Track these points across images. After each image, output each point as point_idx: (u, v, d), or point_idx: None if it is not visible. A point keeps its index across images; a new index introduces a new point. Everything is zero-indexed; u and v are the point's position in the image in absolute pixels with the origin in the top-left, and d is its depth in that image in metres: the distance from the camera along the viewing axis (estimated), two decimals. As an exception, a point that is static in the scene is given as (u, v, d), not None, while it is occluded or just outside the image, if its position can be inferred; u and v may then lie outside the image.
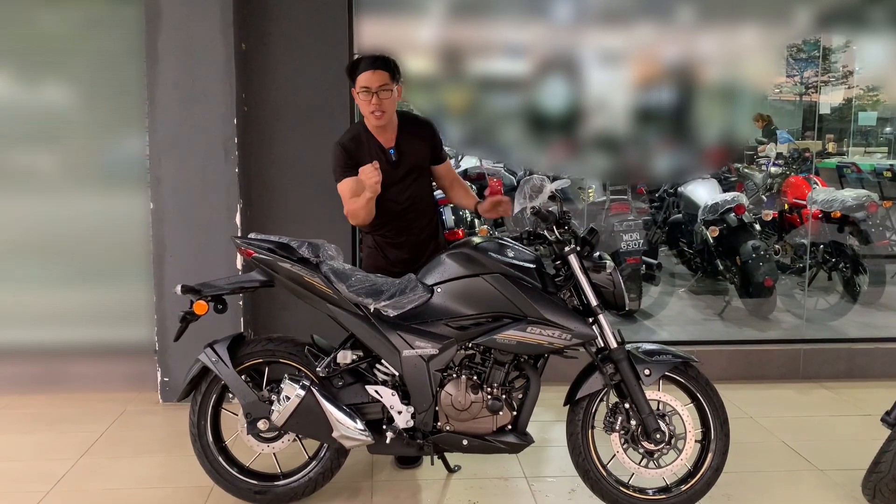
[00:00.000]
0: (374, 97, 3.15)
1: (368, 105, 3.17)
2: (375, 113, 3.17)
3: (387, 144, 3.28)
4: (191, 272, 4.00)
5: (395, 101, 3.23)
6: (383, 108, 3.17)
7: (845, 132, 8.19)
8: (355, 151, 3.23)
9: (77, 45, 4.40)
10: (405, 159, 3.29)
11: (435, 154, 3.41)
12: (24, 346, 4.47)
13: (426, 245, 3.40)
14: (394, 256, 3.36)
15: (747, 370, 4.75)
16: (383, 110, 3.18)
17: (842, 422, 4.12)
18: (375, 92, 3.15)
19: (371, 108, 3.17)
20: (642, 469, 3.00)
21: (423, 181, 3.40)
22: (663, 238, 6.68)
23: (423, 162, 3.36)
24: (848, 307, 5.67)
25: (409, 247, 3.36)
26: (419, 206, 3.37)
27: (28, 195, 4.43)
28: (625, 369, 2.92)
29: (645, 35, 5.64)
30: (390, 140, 3.29)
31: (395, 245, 3.36)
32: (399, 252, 3.35)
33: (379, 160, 3.18)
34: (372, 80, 3.15)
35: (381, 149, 3.27)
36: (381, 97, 3.16)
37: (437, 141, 3.43)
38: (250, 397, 2.98)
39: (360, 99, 3.19)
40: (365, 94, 3.16)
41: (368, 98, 3.16)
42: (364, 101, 3.18)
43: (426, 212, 3.42)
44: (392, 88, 3.19)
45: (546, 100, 5.74)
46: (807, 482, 3.37)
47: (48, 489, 3.27)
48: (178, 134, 4.17)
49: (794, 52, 7.57)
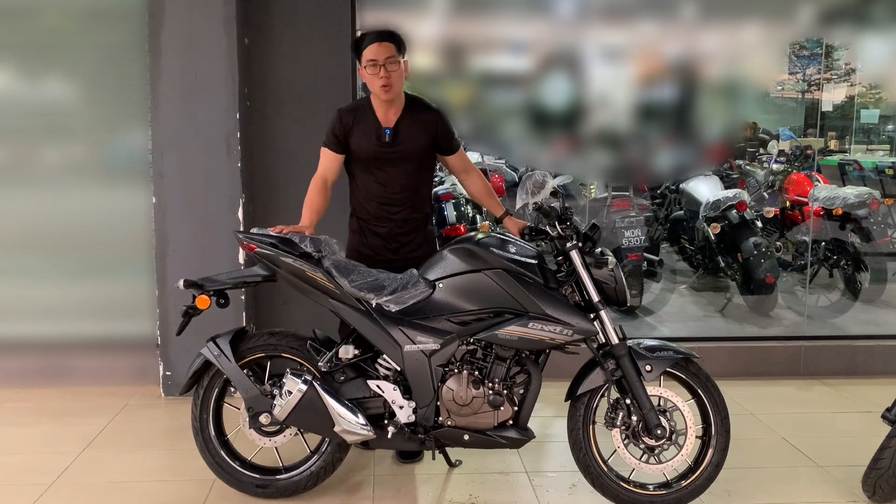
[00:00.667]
0: (382, 69, 3.11)
1: (377, 78, 3.12)
2: (385, 86, 3.12)
3: (385, 123, 3.23)
4: (193, 266, 4.00)
5: (402, 75, 3.18)
6: (391, 80, 3.13)
7: (847, 130, 8.19)
8: (349, 122, 3.22)
9: (80, 39, 4.40)
10: (400, 143, 3.23)
11: (440, 143, 3.32)
12: (26, 340, 4.48)
13: (410, 238, 3.33)
14: (376, 244, 3.30)
15: (748, 367, 4.75)
16: (391, 83, 3.13)
17: (842, 418, 4.13)
18: (383, 64, 3.11)
19: (380, 81, 3.12)
20: (643, 464, 3.00)
21: (421, 173, 3.33)
22: (665, 235, 6.68)
23: (421, 151, 3.28)
24: (849, 304, 5.67)
25: (392, 236, 3.29)
26: (409, 198, 3.29)
27: (31, 189, 4.44)
28: (626, 365, 2.92)
29: (647, 32, 5.63)
30: (391, 120, 3.23)
31: (377, 233, 3.29)
32: (380, 240, 3.29)
33: (370, 138, 3.20)
34: (379, 53, 3.12)
35: (377, 125, 3.22)
36: (389, 69, 3.11)
37: (444, 129, 3.33)
38: (252, 391, 2.99)
39: (368, 73, 3.14)
40: (372, 67, 3.12)
41: (376, 71, 3.11)
42: (372, 75, 3.13)
43: (417, 205, 3.33)
44: (399, 61, 3.15)
45: (548, 96, 5.74)
46: (807, 478, 3.38)
47: (51, 482, 3.29)
48: (181, 128, 4.17)
49: (797, 50, 7.57)
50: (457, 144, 3.41)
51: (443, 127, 3.33)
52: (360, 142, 3.22)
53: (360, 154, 3.24)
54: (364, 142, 3.22)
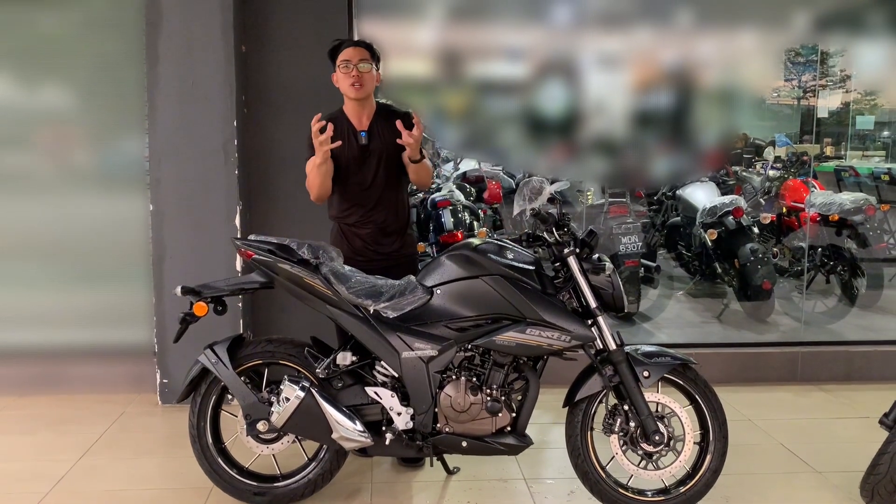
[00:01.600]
0: (354, 69, 3.24)
1: (348, 77, 3.26)
2: (354, 85, 3.25)
3: (359, 127, 3.35)
4: (190, 274, 3.99)
5: (373, 79, 3.31)
6: (362, 81, 3.26)
7: (843, 136, 8.22)
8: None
9: (77, 46, 4.41)
10: (375, 144, 3.33)
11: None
12: (23, 348, 4.48)
13: (392, 240, 3.41)
14: (358, 245, 3.38)
15: (745, 373, 4.76)
16: (363, 83, 3.25)
17: (840, 424, 4.13)
18: (355, 65, 3.24)
19: (350, 80, 3.25)
20: (641, 471, 3.00)
21: (395, 174, 3.40)
22: (662, 241, 6.69)
23: (396, 152, 3.33)
24: (846, 310, 5.67)
25: (373, 237, 3.37)
26: (387, 197, 3.39)
27: (28, 197, 4.44)
28: (624, 371, 2.93)
29: (643, 39, 5.65)
30: (364, 124, 3.35)
31: (359, 235, 3.37)
32: (363, 242, 3.37)
33: (349, 140, 3.29)
34: (352, 55, 3.27)
35: (352, 130, 3.33)
36: (361, 70, 3.25)
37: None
38: (250, 398, 2.98)
39: (340, 74, 3.28)
40: (344, 67, 3.26)
41: (348, 71, 3.25)
42: (343, 74, 3.27)
43: (394, 206, 3.42)
44: (371, 64, 3.29)
45: (545, 103, 5.75)
46: (805, 484, 3.38)
47: (48, 490, 3.28)
48: (178, 135, 4.18)
49: (792, 56, 7.60)
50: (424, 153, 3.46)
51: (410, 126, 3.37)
52: (338, 148, 3.25)
53: (339, 158, 3.31)
54: (341, 147, 3.27)
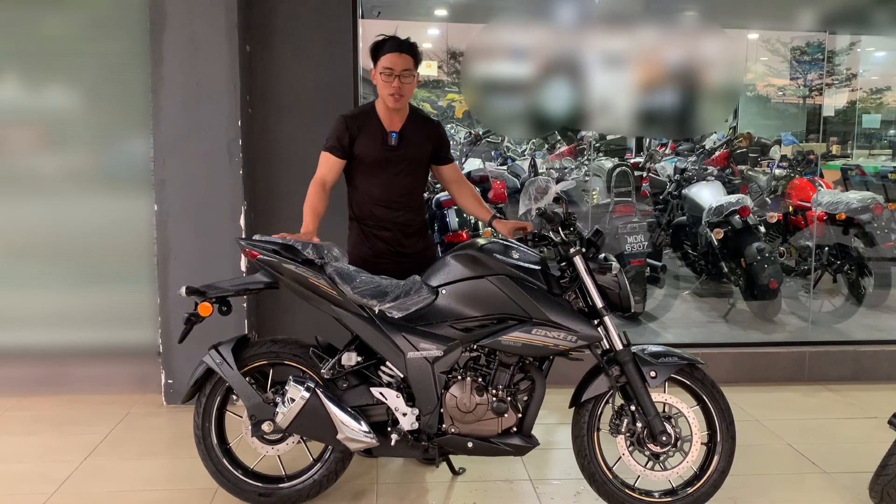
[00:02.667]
0: (396, 80, 3.17)
1: (388, 87, 3.18)
2: (394, 95, 3.19)
3: (390, 128, 3.29)
4: (195, 274, 3.99)
5: (413, 87, 3.26)
6: (402, 91, 3.20)
7: (849, 135, 8.19)
8: (355, 128, 3.25)
9: (81, 47, 4.40)
10: (405, 147, 3.30)
11: (438, 153, 3.43)
12: (28, 348, 4.47)
13: (413, 241, 3.39)
14: (380, 248, 3.34)
15: (753, 372, 4.74)
16: (402, 94, 3.20)
17: (848, 424, 4.10)
18: (398, 75, 3.16)
19: (391, 90, 3.18)
20: (648, 471, 2.98)
21: (419, 177, 3.41)
22: (667, 240, 6.67)
23: (423, 157, 3.37)
24: (853, 309, 5.65)
25: (396, 239, 3.34)
26: (410, 200, 3.37)
27: (33, 198, 4.43)
28: (630, 371, 2.91)
29: (647, 38, 5.64)
30: (396, 125, 3.30)
31: (382, 237, 3.34)
32: (384, 244, 3.34)
33: (378, 141, 3.25)
34: (397, 63, 3.17)
35: (383, 130, 3.28)
36: (403, 81, 3.18)
37: (443, 141, 3.46)
38: (255, 399, 2.97)
39: (381, 79, 3.19)
40: (387, 75, 3.17)
41: (390, 80, 3.17)
42: (385, 82, 3.18)
43: (416, 208, 3.42)
44: (413, 74, 3.23)
45: (550, 102, 5.74)
46: (813, 485, 3.36)
47: (52, 491, 3.27)
48: (183, 135, 4.17)
49: (798, 55, 7.57)
50: (452, 157, 3.54)
51: (442, 138, 3.46)
52: (367, 147, 3.26)
53: (365, 158, 3.27)
54: (370, 146, 3.26)
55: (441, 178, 3.51)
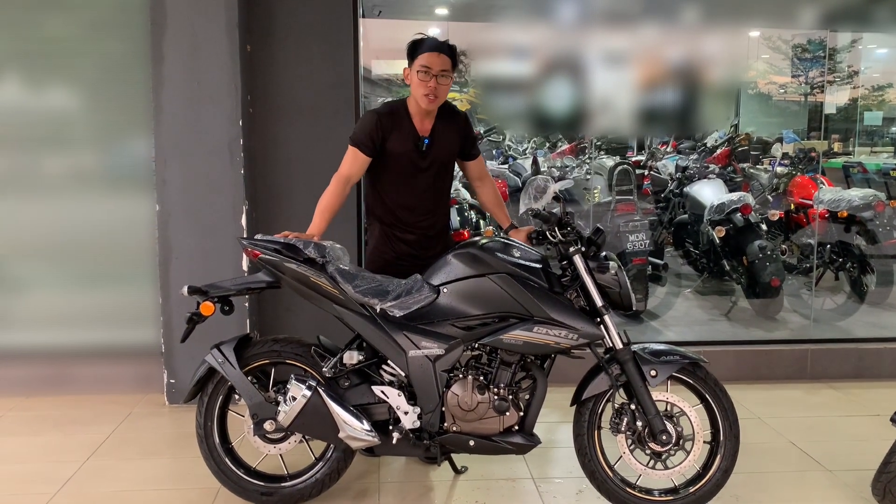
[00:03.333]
0: (433, 80, 3.11)
1: (424, 87, 3.11)
2: (429, 96, 3.12)
3: (422, 132, 3.23)
4: (197, 274, 4.00)
5: (448, 89, 3.18)
6: (438, 93, 3.13)
7: (851, 132, 8.18)
8: (387, 126, 3.17)
9: (83, 47, 4.40)
10: (435, 151, 3.25)
11: (466, 148, 3.36)
12: (30, 349, 4.48)
13: (435, 243, 3.36)
14: (401, 250, 3.31)
15: (755, 370, 4.73)
16: (437, 95, 3.13)
17: (850, 422, 4.10)
18: (435, 75, 3.11)
19: (426, 90, 3.11)
20: (650, 470, 2.98)
21: (446, 177, 3.36)
22: (669, 239, 6.66)
23: (452, 156, 3.32)
24: (855, 307, 5.64)
25: (419, 242, 3.31)
26: (436, 202, 3.33)
27: (35, 198, 4.43)
28: (630, 370, 2.91)
29: (649, 36, 5.63)
30: (427, 129, 3.23)
31: (405, 240, 3.30)
32: (407, 247, 3.31)
33: (408, 146, 3.18)
34: (435, 62, 3.11)
35: (415, 133, 3.21)
36: (440, 82, 3.12)
37: (470, 133, 3.39)
38: (256, 398, 2.98)
39: (417, 78, 3.11)
40: (424, 74, 3.10)
41: (426, 79, 3.10)
42: (420, 82, 3.11)
43: (441, 209, 3.38)
44: (450, 76, 3.17)
45: (551, 101, 5.74)
46: (816, 483, 3.36)
47: (55, 490, 3.27)
48: (184, 135, 4.17)
49: (799, 52, 7.56)
50: (477, 150, 3.46)
51: (469, 130, 3.39)
52: (398, 149, 3.19)
53: (395, 161, 3.21)
54: (401, 150, 3.19)
55: (466, 173, 3.47)
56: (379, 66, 5.84)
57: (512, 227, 3.37)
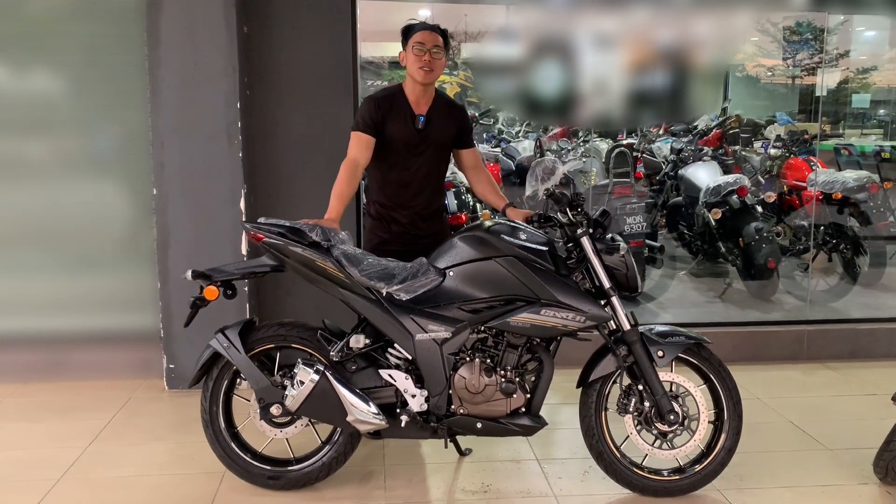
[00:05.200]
0: (427, 54, 3.20)
1: (419, 60, 3.20)
2: (424, 68, 3.20)
3: (417, 111, 3.30)
4: (195, 258, 3.96)
5: (443, 66, 3.28)
6: (433, 66, 3.22)
7: (840, 114, 8.22)
8: (385, 108, 3.25)
9: (76, 29, 4.32)
10: (431, 130, 3.31)
11: (462, 137, 3.43)
12: (28, 335, 4.44)
13: (429, 223, 3.39)
14: (396, 229, 3.35)
15: (752, 351, 4.77)
16: (432, 69, 3.22)
17: (847, 402, 4.14)
18: (429, 49, 3.20)
19: (421, 63, 3.20)
20: (656, 450, 3.01)
21: (442, 159, 3.42)
22: (663, 221, 6.68)
23: (447, 141, 3.38)
24: (848, 288, 5.69)
25: (412, 222, 3.35)
26: (431, 182, 3.38)
27: (30, 183, 4.37)
28: (638, 351, 2.92)
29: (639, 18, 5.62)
30: (422, 108, 3.31)
31: (398, 220, 3.34)
32: (401, 227, 3.34)
33: (406, 123, 3.25)
34: (428, 39, 3.22)
35: (411, 113, 3.29)
36: (433, 55, 3.21)
37: (467, 125, 3.48)
38: (263, 382, 2.97)
39: (412, 55, 3.22)
40: (418, 49, 3.20)
41: (421, 54, 3.20)
42: (415, 56, 3.21)
43: (436, 190, 3.43)
44: (443, 54, 3.26)
45: (542, 83, 5.72)
46: (817, 462, 3.39)
47: (59, 476, 3.26)
48: (181, 118, 4.12)
49: (788, 35, 7.58)
50: (473, 142, 3.53)
51: (466, 122, 3.48)
52: (395, 128, 3.26)
53: (393, 140, 3.27)
54: (399, 128, 3.26)
55: (460, 161, 3.51)
56: (366, 49, 5.79)
57: (509, 206, 3.36)
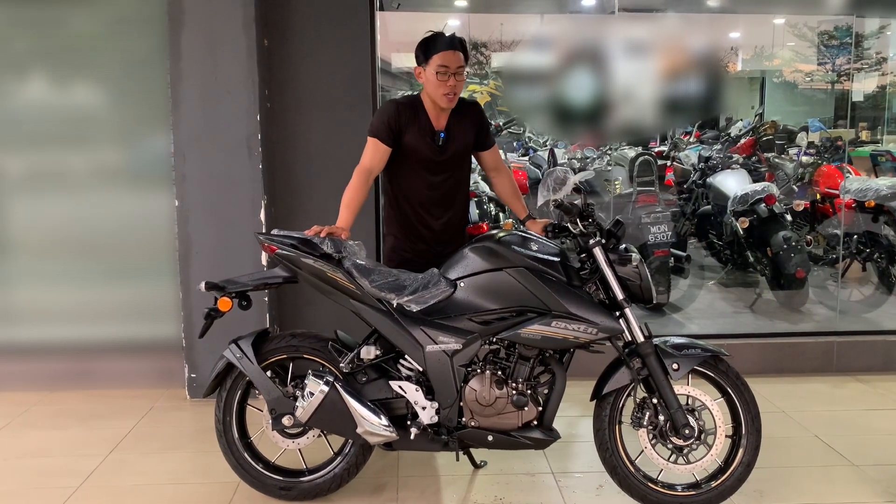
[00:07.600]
0: (452, 79, 3.09)
1: (443, 86, 3.08)
2: (449, 95, 3.10)
3: (437, 127, 3.20)
4: (216, 269, 4.01)
5: (463, 84, 3.16)
6: (457, 90, 3.12)
7: (879, 120, 8.02)
8: (406, 118, 3.15)
9: (104, 44, 4.42)
10: (452, 145, 3.22)
11: (480, 138, 3.33)
12: (53, 344, 4.53)
13: (452, 237, 3.31)
14: (420, 248, 3.28)
15: (779, 363, 4.66)
16: (456, 93, 3.13)
17: (877, 416, 4.02)
18: (454, 73, 3.09)
19: (445, 89, 3.09)
20: (671, 465, 2.95)
21: (464, 170, 3.33)
22: (692, 230, 6.58)
23: (468, 148, 3.30)
24: (883, 298, 5.54)
25: (436, 238, 3.28)
26: (454, 197, 3.30)
27: (57, 194, 4.48)
28: (652, 364, 2.87)
29: (672, 25, 5.56)
30: (442, 123, 3.21)
31: (422, 237, 3.27)
32: (426, 245, 3.28)
33: (425, 140, 3.16)
34: (452, 60, 3.09)
35: (431, 129, 3.19)
36: (457, 79, 3.10)
37: (484, 123, 3.37)
38: (275, 393, 2.98)
39: (435, 78, 3.09)
40: (442, 73, 3.08)
41: (445, 79, 3.08)
42: (439, 81, 3.08)
43: (459, 204, 3.34)
44: (465, 72, 3.16)
45: (572, 91, 5.69)
46: (842, 478, 3.30)
47: (78, 484, 3.31)
48: (202, 131, 4.18)
49: (826, 39, 7.43)
50: (492, 140, 3.42)
51: (483, 119, 3.36)
52: (415, 142, 3.17)
53: (412, 155, 3.19)
54: (419, 143, 3.17)
55: (482, 164, 3.44)
56: (399, 60, 5.81)
57: (529, 218, 3.33)
